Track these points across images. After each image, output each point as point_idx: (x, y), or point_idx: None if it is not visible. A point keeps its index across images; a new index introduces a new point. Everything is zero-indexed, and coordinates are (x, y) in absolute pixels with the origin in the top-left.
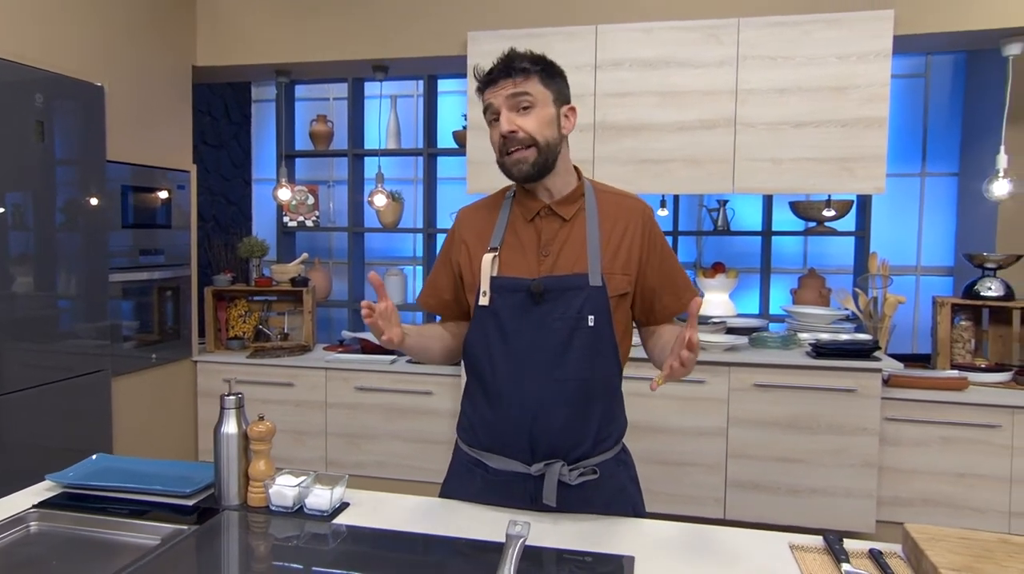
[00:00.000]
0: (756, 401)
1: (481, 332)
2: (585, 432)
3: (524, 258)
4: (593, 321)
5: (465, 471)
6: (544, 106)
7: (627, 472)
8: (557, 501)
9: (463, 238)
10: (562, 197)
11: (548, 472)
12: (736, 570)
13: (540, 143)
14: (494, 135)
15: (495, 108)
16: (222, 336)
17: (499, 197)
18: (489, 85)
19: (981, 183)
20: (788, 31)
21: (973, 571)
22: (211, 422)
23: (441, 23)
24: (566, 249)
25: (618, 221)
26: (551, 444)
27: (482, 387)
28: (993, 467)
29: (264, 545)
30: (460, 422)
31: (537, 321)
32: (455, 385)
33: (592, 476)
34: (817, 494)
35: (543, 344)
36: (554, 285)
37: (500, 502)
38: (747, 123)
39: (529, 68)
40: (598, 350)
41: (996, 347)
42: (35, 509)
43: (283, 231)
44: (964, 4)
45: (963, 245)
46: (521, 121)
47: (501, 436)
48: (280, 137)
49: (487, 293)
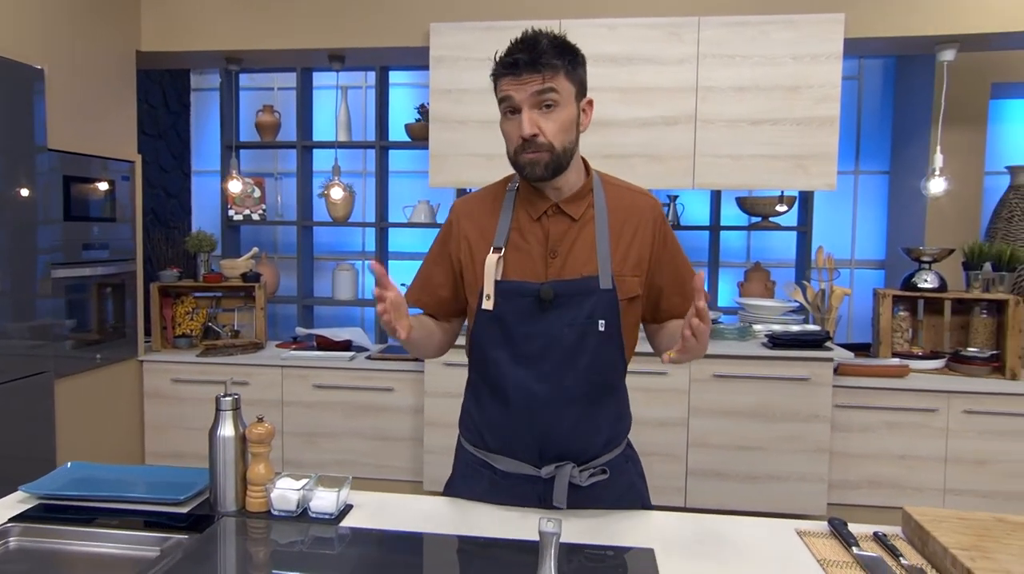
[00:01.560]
0: (716, 391)
1: (487, 335)
2: (595, 434)
3: (531, 260)
4: (603, 325)
5: (471, 472)
6: (567, 105)
7: (635, 468)
8: (567, 502)
9: (464, 234)
10: (571, 194)
11: (558, 474)
12: (753, 557)
13: (557, 149)
14: (511, 129)
15: (515, 103)
16: (168, 334)
17: (500, 189)
18: (510, 75)
19: (911, 181)
20: (746, 31)
21: (980, 549)
22: (158, 424)
23: (402, 13)
24: (575, 250)
25: (628, 220)
26: (561, 447)
27: (489, 390)
28: (930, 449)
29: (275, 552)
30: (464, 423)
31: (545, 327)
32: (417, 380)
33: (602, 476)
34: (773, 480)
35: (552, 349)
36: (564, 290)
37: (508, 502)
38: (707, 120)
39: (557, 64)
40: (607, 353)
41: (929, 335)
42: (12, 523)
43: (228, 225)
44: (906, 11)
45: (894, 240)
46: (543, 123)
47: (510, 439)
48: (224, 127)
49: (491, 297)
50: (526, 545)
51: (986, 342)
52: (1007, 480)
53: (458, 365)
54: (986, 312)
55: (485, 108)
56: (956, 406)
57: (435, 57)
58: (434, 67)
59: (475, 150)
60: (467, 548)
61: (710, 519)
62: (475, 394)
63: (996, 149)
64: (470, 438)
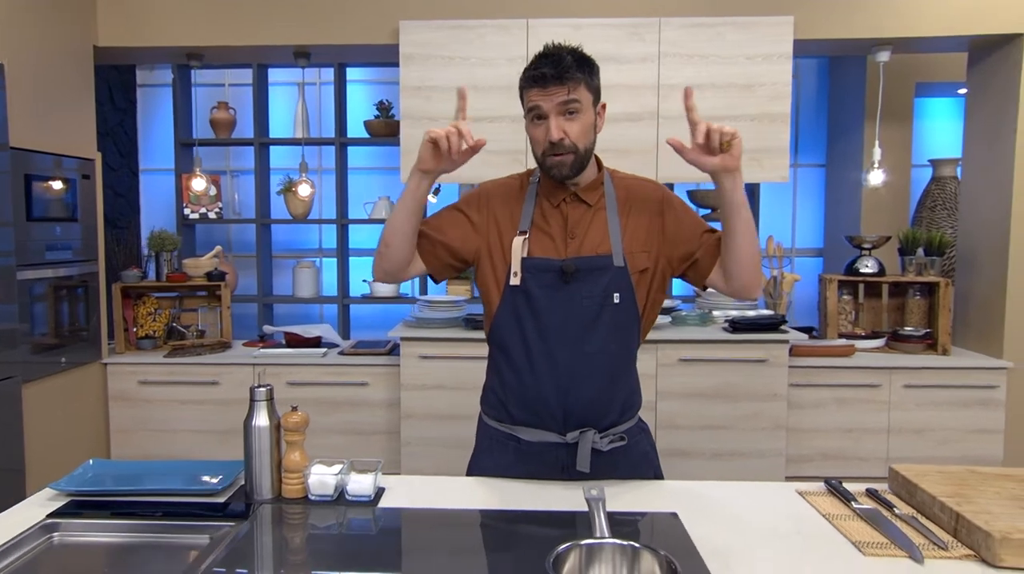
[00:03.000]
0: (681, 375)
1: (511, 310)
2: (613, 401)
3: (552, 240)
4: (618, 298)
5: (496, 445)
6: (587, 111)
7: (648, 439)
8: (589, 469)
9: (495, 215)
10: (586, 185)
11: (582, 440)
12: (766, 516)
13: (581, 151)
14: (538, 134)
15: (543, 112)
16: (131, 336)
17: (524, 180)
18: (537, 86)
19: (846, 173)
20: (703, 32)
21: (962, 496)
22: (124, 427)
23: (371, 10)
24: (591, 232)
25: (635, 204)
26: (583, 414)
27: (513, 363)
28: (874, 421)
29: (322, 534)
30: (487, 400)
31: (567, 299)
32: (391, 374)
33: (620, 443)
34: (736, 456)
35: (573, 320)
36: (583, 265)
37: (533, 472)
38: (668, 116)
39: (580, 77)
40: (623, 325)
41: (869, 317)
42: (51, 519)
43: (184, 223)
44: (849, 16)
45: (831, 228)
46: (568, 128)
47: (534, 409)
48: (178, 124)
49: (518, 273)
50: (562, 516)
51: (920, 321)
52: (941, 446)
53: (433, 358)
54: (919, 294)
55: (455, 105)
56: (897, 381)
57: (405, 54)
58: (404, 64)
59: None
60: (502, 521)
61: (716, 485)
62: (497, 371)
63: (920, 144)
64: (494, 414)
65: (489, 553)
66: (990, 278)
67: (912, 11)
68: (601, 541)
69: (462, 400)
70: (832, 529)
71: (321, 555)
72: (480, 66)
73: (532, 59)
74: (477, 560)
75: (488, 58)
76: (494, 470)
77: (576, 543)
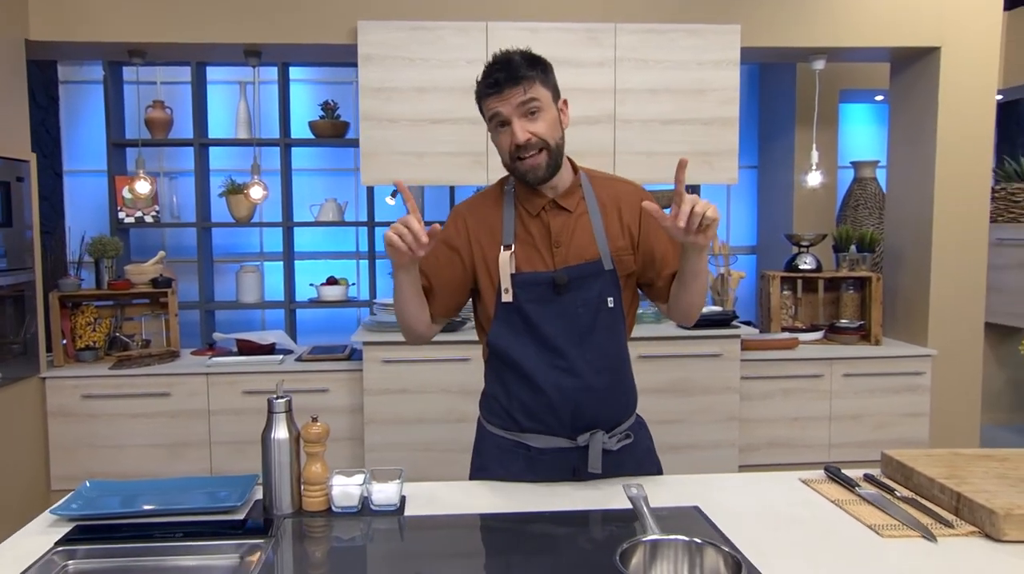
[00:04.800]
0: (640, 372)
1: (508, 326)
2: (617, 401)
3: (537, 252)
4: (612, 302)
5: (504, 454)
6: (549, 108)
7: (647, 433)
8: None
9: (476, 237)
10: (564, 190)
11: (592, 441)
12: (781, 505)
13: (551, 145)
14: (503, 140)
15: (504, 117)
16: (69, 348)
17: (497, 192)
18: (494, 93)
19: (778, 175)
20: (657, 38)
21: (956, 477)
22: (65, 445)
23: (327, 9)
24: (576, 239)
25: (616, 206)
26: (591, 417)
27: (517, 375)
28: (817, 410)
29: (357, 546)
30: (490, 409)
31: (561, 309)
32: (353, 379)
33: (628, 440)
34: (692, 449)
35: (570, 329)
36: (575, 274)
37: (544, 477)
38: (625, 120)
39: (532, 74)
40: (617, 327)
41: (807, 311)
42: (62, 547)
43: (118, 227)
44: (790, 25)
45: (764, 227)
46: (532, 127)
47: (542, 417)
48: (110, 124)
49: (509, 290)
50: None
51: (854, 314)
52: (876, 431)
53: (396, 361)
54: (852, 288)
55: (416, 107)
56: (837, 371)
57: (364, 55)
58: (363, 65)
59: (406, 148)
60: (536, 523)
61: (720, 478)
62: (500, 380)
63: (843, 147)
64: (499, 423)
65: (530, 556)
66: (915, 272)
67: (843, 23)
68: (668, 537)
69: (428, 404)
70: (844, 514)
71: (356, 568)
72: (440, 67)
73: (483, 70)
74: (520, 563)
75: (448, 59)
76: (504, 478)
77: (640, 540)
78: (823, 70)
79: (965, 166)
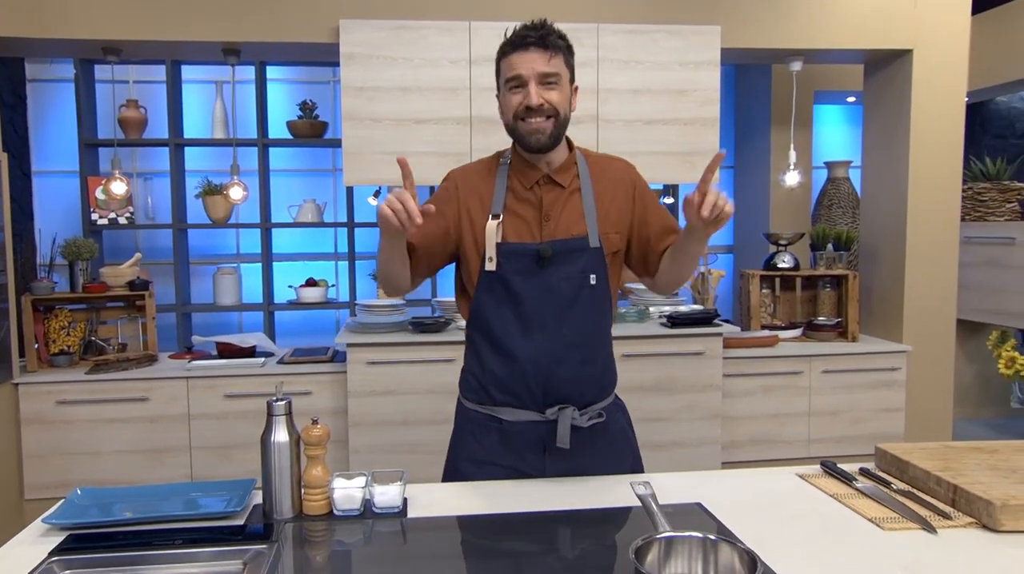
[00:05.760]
0: (624, 370)
1: (490, 295)
2: (591, 380)
3: (526, 224)
4: (594, 279)
5: (477, 428)
6: (565, 85)
7: (625, 416)
8: (569, 444)
9: (465, 203)
10: (559, 166)
11: (561, 416)
12: (783, 500)
13: (560, 116)
14: (513, 99)
15: (523, 79)
16: (43, 353)
17: (493, 163)
18: (519, 50)
19: (754, 175)
20: (639, 38)
21: (950, 469)
22: (40, 453)
23: (308, 8)
24: (566, 214)
25: (608, 184)
26: (562, 393)
27: (493, 346)
28: (797, 406)
29: (361, 550)
30: (467, 384)
31: (544, 282)
32: (337, 381)
33: (599, 419)
34: (676, 446)
35: (551, 303)
36: (560, 247)
37: (515, 451)
38: (608, 120)
39: (561, 45)
40: (598, 305)
41: (785, 309)
42: (56, 557)
43: (91, 229)
44: (768, 28)
45: (741, 226)
46: (547, 95)
47: (514, 389)
48: (82, 123)
49: (493, 259)
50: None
51: (831, 311)
52: (855, 426)
53: (381, 363)
54: (829, 286)
55: (399, 106)
56: (816, 367)
57: (346, 54)
58: (345, 64)
59: (389, 148)
60: (542, 522)
61: (717, 474)
62: (477, 353)
63: (816, 147)
64: (474, 397)
65: (539, 555)
66: (890, 270)
67: (820, 26)
68: (683, 534)
69: (414, 405)
70: (844, 508)
71: (361, 572)
72: (423, 67)
73: (513, 31)
74: (530, 563)
75: (431, 59)
76: (478, 452)
77: (654, 536)
78: (799, 72)
79: (937, 166)
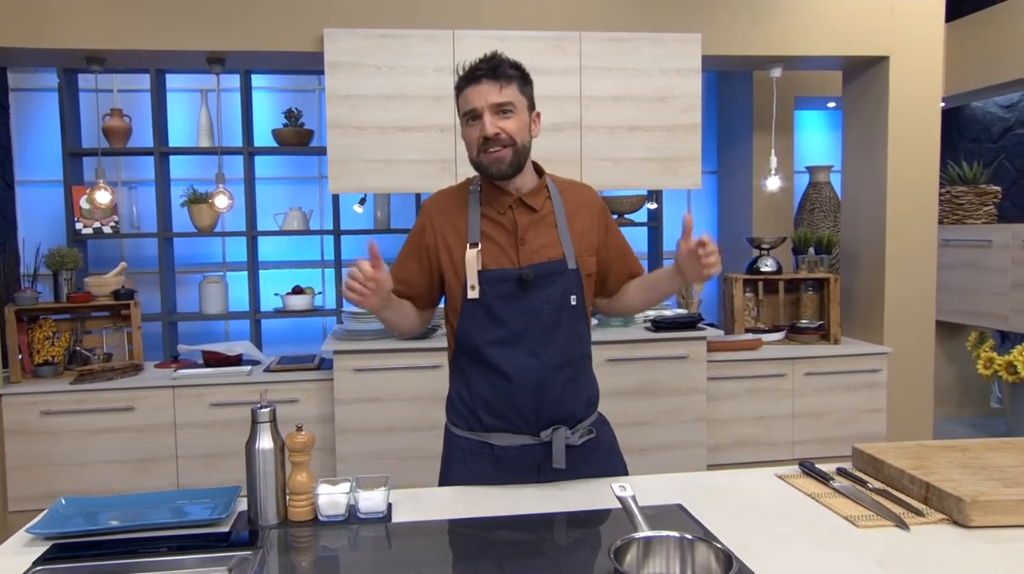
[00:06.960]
0: (609, 375)
1: (474, 322)
2: (579, 398)
3: (503, 249)
4: (575, 300)
5: (469, 456)
6: (521, 113)
7: (610, 430)
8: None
9: (441, 233)
10: (529, 190)
11: (555, 437)
12: (759, 500)
13: (518, 144)
14: (472, 133)
15: (478, 110)
16: (26, 363)
17: (463, 190)
18: (471, 84)
19: (737, 180)
20: (620, 46)
21: (925, 467)
22: (24, 464)
23: (293, 17)
24: (540, 237)
25: (579, 209)
26: (553, 413)
27: (481, 372)
28: (781, 408)
29: (345, 555)
30: (456, 410)
31: (526, 305)
32: (323, 389)
33: (590, 436)
34: (661, 449)
35: (535, 325)
36: (540, 271)
37: (509, 477)
38: (590, 126)
39: (512, 74)
40: (579, 324)
41: (768, 312)
42: (41, 567)
43: (75, 239)
44: (748, 35)
45: (724, 230)
46: (502, 124)
47: (505, 413)
48: (66, 132)
49: (475, 286)
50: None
51: (813, 314)
52: (838, 427)
53: (367, 370)
54: (811, 289)
55: (384, 115)
56: (799, 370)
57: (330, 62)
58: (330, 73)
59: (375, 156)
60: (526, 526)
61: (698, 476)
62: (464, 379)
63: (798, 152)
64: (464, 424)
65: (523, 558)
66: (870, 273)
67: (799, 33)
68: (660, 533)
69: (400, 412)
70: (821, 507)
71: None
72: (408, 75)
73: (467, 66)
74: (513, 566)
75: (416, 67)
76: (471, 481)
77: (633, 537)
78: (778, 78)
79: (915, 170)
